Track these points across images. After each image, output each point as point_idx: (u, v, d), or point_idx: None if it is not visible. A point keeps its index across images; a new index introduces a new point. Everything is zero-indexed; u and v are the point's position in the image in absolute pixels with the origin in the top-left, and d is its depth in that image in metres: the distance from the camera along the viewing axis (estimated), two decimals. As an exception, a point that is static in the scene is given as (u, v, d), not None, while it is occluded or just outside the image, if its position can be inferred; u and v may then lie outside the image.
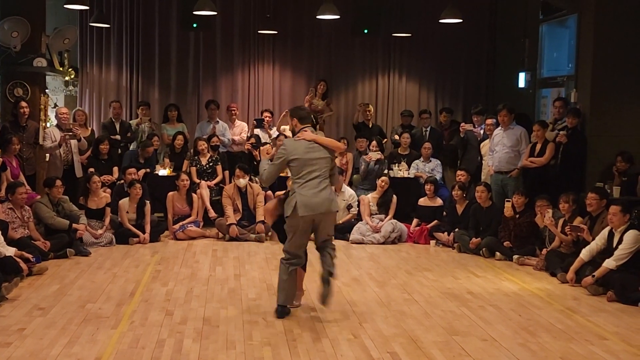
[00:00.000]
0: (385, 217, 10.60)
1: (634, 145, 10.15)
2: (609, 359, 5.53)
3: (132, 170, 10.66)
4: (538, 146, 10.17)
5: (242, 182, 10.54)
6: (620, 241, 7.59)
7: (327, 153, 6.57)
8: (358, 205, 10.83)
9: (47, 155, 10.88)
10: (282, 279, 6.56)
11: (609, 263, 7.51)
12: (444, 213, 10.60)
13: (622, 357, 5.57)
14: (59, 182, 9.45)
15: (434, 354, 5.53)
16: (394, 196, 10.70)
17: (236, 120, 12.58)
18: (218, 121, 12.32)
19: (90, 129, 11.93)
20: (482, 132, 11.53)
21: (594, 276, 7.58)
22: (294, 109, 6.95)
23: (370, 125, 12.91)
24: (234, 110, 12.62)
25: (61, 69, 12.70)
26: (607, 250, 7.72)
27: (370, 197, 10.76)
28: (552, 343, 5.88)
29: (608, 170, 10.11)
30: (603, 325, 6.47)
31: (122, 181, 10.74)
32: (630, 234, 7.53)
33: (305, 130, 6.62)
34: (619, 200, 8.35)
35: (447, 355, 5.51)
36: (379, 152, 11.67)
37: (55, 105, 12.79)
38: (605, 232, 7.86)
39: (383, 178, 10.80)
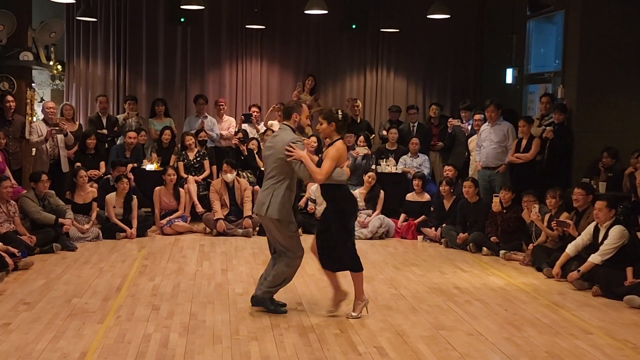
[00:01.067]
0: (372, 213, 10.62)
1: (620, 141, 10.22)
2: (593, 353, 5.56)
3: (123, 168, 10.61)
4: (524, 142, 10.22)
5: (230, 177, 10.52)
6: (605, 236, 7.63)
7: (279, 152, 6.30)
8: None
9: (34, 149, 10.81)
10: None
11: (595, 258, 7.55)
12: (432, 208, 10.62)
13: (607, 351, 5.60)
14: (44, 177, 9.40)
15: (420, 349, 5.55)
16: (382, 191, 10.72)
17: (224, 115, 12.56)
18: (206, 116, 12.30)
19: (77, 123, 11.88)
20: (469, 127, 11.56)
21: (579, 271, 7.62)
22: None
23: (358, 121, 12.92)
24: (222, 105, 12.60)
25: (48, 63, 12.62)
26: (593, 246, 7.76)
27: (358, 193, 10.76)
28: (537, 337, 5.92)
29: (594, 166, 10.18)
30: (588, 319, 6.51)
31: (109, 176, 10.70)
32: (616, 230, 7.57)
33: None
34: (605, 196, 8.40)
35: (433, 350, 5.52)
36: (366, 147, 11.67)
37: (42, 100, 12.71)
38: (591, 227, 7.91)
39: (370, 174, 10.81)
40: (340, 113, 6.41)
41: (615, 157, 9.91)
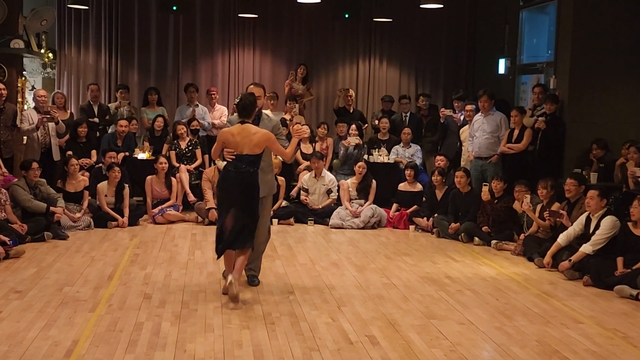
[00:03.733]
0: (364, 203, 10.61)
1: (612, 132, 10.24)
2: (583, 342, 5.59)
3: (112, 154, 10.60)
4: (516, 132, 10.23)
5: (222, 165, 10.48)
6: (597, 227, 7.67)
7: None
8: (338, 190, 10.84)
9: (25, 137, 10.77)
10: None
11: (586, 248, 7.59)
12: (424, 198, 10.64)
13: (597, 341, 5.63)
14: (35, 165, 9.37)
15: (412, 337, 5.56)
16: (374, 181, 10.71)
17: (216, 104, 12.52)
18: (197, 105, 12.26)
19: (69, 112, 11.82)
20: (462, 117, 11.57)
21: (570, 261, 7.65)
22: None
23: (351, 111, 12.91)
24: (214, 94, 12.55)
25: (39, 50, 12.55)
26: (584, 236, 7.80)
27: (350, 183, 10.76)
28: (528, 326, 5.94)
29: (586, 156, 10.20)
30: (578, 309, 6.54)
31: (101, 164, 10.68)
32: (608, 220, 7.61)
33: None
34: (597, 185, 8.43)
35: (424, 339, 5.54)
36: (358, 137, 11.66)
37: (33, 88, 12.65)
38: (582, 217, 7.94)
39: (360, 164, 10.78)
40: (236, 99, 7.03)
41: (605, 148, 9.92)
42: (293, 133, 6.84)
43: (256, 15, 13.44)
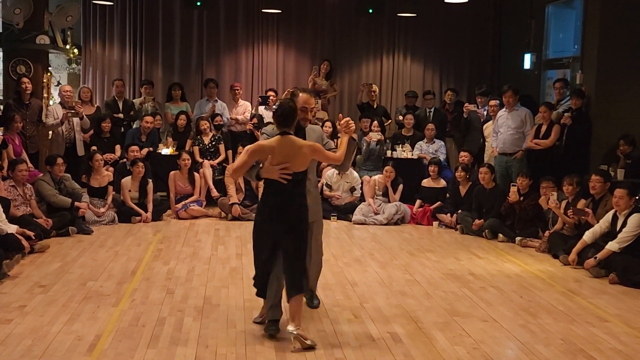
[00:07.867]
0: (388, 200, 10.54)
1: (639, 128, 10.09)
2: (609, 340, 5.51)
3: (135, 147, 10.66)
4: (543, 128, 10.12)
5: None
6: (624, 224, 7.56)
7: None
8: (361, 187, 10.79)
9: (50, 133, 10.87)
10: None
11: (612, 245, 7.49)
12: (447, 194, 10.57)
13: (623, 339, 5.56)
14: (60, 160, 9.44)
15: (435, 335, 5.52)
16: (401, 185, 10.61)
17: (240, 100, 12.54)
18: (217, 100, 12.29)
19: (96, 106, 11.88)
20: (485, 113, 11.47)
21: (596, 258, 7.56)
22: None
23: (374, 106, 12.86)
24: (238, 89, 12.57)
25: (64, 46, 12.64)
26: (611, 233, 7.69)
27: (377, 181, 10.66)
28: (553, 324, 5.88)
29: (612, 152, 10.07)
30: (604, 307, 6.46)
31: (125, 160, 10.73)
32: (635, 217, 7.49)
33: None
34: (625, 184, 8.30)
35: (447, 336, 5.50)
36: (380, 133, 11.60)
37: (59, 83, 12.76)
38: (609, 215, 7.84)
39: (387, 168, 10.67)
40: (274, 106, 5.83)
41: (632, 144, 9.79)
42: (341, 129, 5.56)
43: (280, 11, 13.42)
